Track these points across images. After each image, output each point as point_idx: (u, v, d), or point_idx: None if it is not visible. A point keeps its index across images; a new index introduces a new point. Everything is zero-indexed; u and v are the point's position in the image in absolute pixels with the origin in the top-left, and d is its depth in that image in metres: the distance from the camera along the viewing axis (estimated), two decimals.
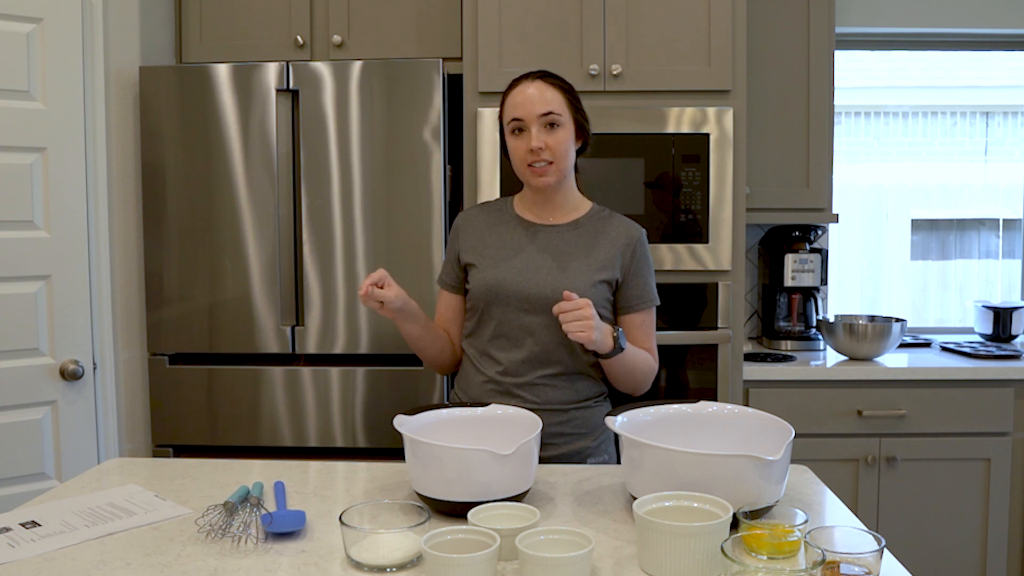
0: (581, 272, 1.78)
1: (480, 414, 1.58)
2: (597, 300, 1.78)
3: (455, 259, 1.90)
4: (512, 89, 1.80)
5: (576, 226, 1.84)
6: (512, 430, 1.54)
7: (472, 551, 1.11)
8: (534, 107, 1.75)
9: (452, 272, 1.91)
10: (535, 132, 1.75)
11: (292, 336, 2.60)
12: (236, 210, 2.58)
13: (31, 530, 1.34)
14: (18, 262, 2.36)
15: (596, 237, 1.82)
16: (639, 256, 1.84)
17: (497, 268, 1.80)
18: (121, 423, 2.61)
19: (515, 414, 1.56)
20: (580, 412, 1.83)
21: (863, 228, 3.68)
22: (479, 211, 1.93)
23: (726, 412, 1.54)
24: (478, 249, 1.85)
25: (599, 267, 1.79)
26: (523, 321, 1.78)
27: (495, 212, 1.91)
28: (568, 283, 1.75)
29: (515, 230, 1.85)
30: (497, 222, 1.88)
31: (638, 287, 1.84)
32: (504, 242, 1.84)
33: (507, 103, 1.80)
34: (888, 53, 3.58)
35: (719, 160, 2.55)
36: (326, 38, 2.83)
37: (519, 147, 1.78)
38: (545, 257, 1.80)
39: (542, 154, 1.75)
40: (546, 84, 1.78)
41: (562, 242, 1.82)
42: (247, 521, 1.33)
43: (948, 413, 2.73)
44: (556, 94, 1.77)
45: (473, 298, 1.84)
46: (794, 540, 1.18)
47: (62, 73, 2.41)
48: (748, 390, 2.74)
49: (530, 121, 1.75)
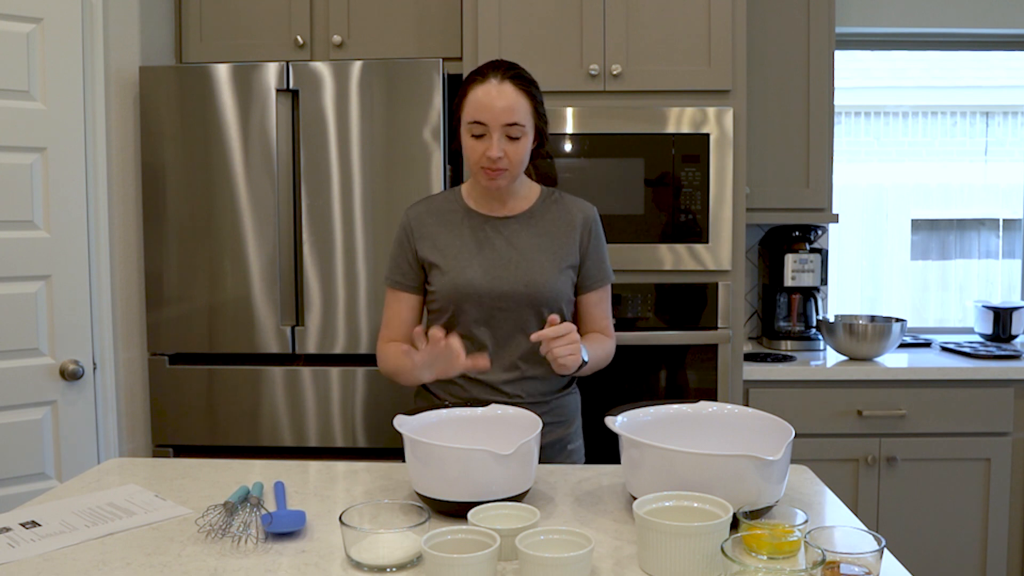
0: (549, 264, 1.78)
1: (480, 414, 1.58)
2: (565, 286, 1.80)
3: (412, 258, 1.83)
4: (477, 84, 1.71)
5: (531, 215, 1.83)
6: (512, 430, 1.54)
7: (472, 551, 1.11)
8: (500, 115, 1.67)
9: (411, 272, 1.84)
10: (496, 140, 1.69)
11: (292, 336, 2.60)
12: (236, 210, 2.58)
13: (31, 530, 1.34)
14: (18, 262, 2.36)
15: (554, 223, 1.82)
16: (595, 235, 1.85)
17: (464, 267, 1.77)
18: (121, 423, 2.61)
19: (515, 414, 1.56)
20: (559, 401, 1.86)
21: (863, 228, 3.68)
22: (428, 206, 1.86)
23: (726, 412, 1.54)
24: (438, 247, 1.80)
25: (564, 254, 1.80)
26: (497, 317, 1.77)
27: (446, 206, 1.85)
28: (538, 275, 1.76)
29: (471, 225, 1.81)
30: (450, 217, 1.83)
31: (595, 266, 1.85)
32: (463, 239, 1.80)
33: (469, 100, 1.71)
34: (888, 53, 3.58)
35: (719, 160, 2.55)
36: (326, 38, 2.83)
37: (476, 148, 1.71)
38: (511, 251, 1.78)
39: (499, 163, 1.70)
40: (515, 89, 1.69)
41: (524, 233, 1.80)
42: (247, 521, 1.33)
43: (948, 413, 2.73)
44: (523, 101, 1.70)
45: (441, 299, 1.79)
46: (794, 540, 1.18)
47: (62, 73, 2.41)
48: (748, 390, 2.74)
49: (493, 128, 1.68)
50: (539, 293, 1.76)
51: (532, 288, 1.75)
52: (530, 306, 1.77)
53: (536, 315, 1.78)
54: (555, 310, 1.80)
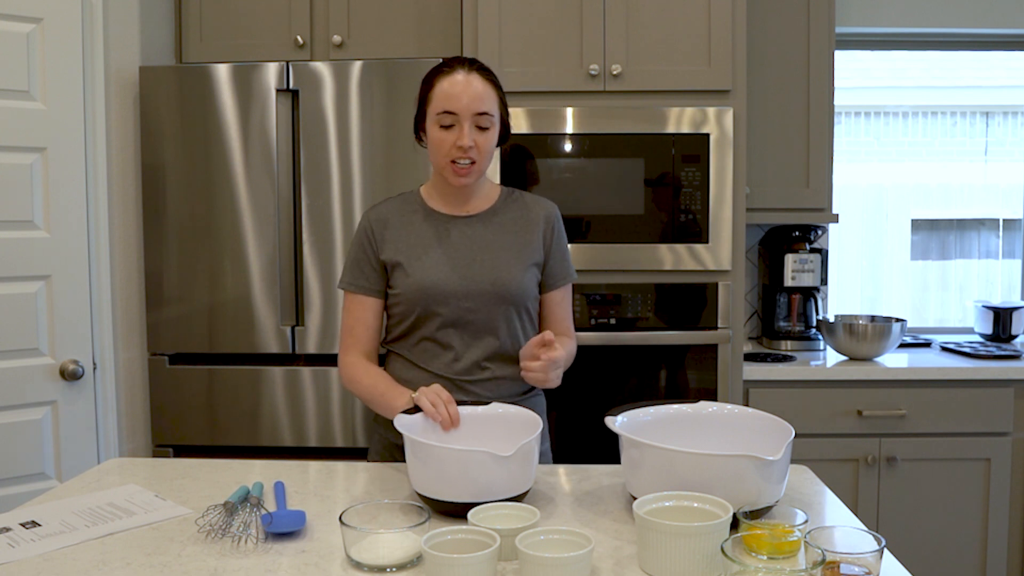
0: (514, 262, 1.77)
1: (480, 412, 1.58)
2: (531, 284, 1.79)
3: (374, 261, 1.78)
4: (443, 76, 1.70)
5: (494, 213, 1.81)
6: (513, 429, 1.54)
7: (472, 551, 1.11)
8: (470, 103, 1.67)
9: (372, 275, 1.79)
10: (467, 129, 1.67)
11: (292, 336, 2.60)
12: (236, 210, 2.58)
13: (31, 530, 1.34)
14: (18, 262, 2.36)
15: (516, 222, 1.81)
16: (557, 233, 1.84)
17: (429, 267, 1.74)
18: (121, 423, 2.61)
19: (516, 413, 1.56)
20: (527, 403, 1.81)
21: (863, 228, 3.68)
22: (388, 208, 1.82)
23: (726, 412, 1.54)
24: (400, 249, 1.77)
25: (528, 252, 1.79)
26: (464, 317, 1.75)
27: (406, 207, 1.82)
28: (504, 275, 1.74)
29: (434, 225, 1.79)
30: (411, 218, 1.80)
31: (558, 264, 1.84)
32: (426, 239, 1.77)
33: (437, 91, 1.69)
34: (888, 53, 3.58)
35: (719, 160, 2.55)
36: (326, 38, 2.83)
37: (446, 140, 1.69)
38: (475, 250, 1.77)
39: (470, 153, 1.69)
40: (480, 78, 1.70)
41: (487, 233, 1.79)
42: (247, 521, 1.33)
43: (948, 413, 2.73)
44: (491, 92, 1.70)
45: (405, 301, 1.76)
46: (794, 540, 1.18)
47: (62, 73, 2.41)
48: (748, 390, 2.74)
49: (463, 117, 1.67)
50: (506, 291, 1.75)
51: (499, 286, 1.74)
52: (497, 305, 1.75)
53: (503, 314, 1.76)
54: (522, 308, 1.79)
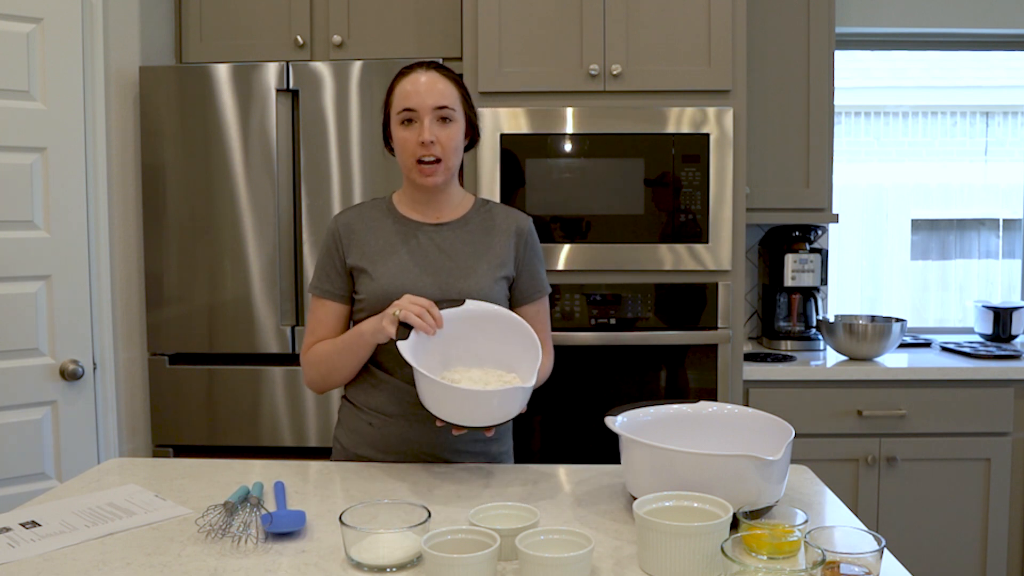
0: (482, 272, 1.73)
1: (462, 313, 1.62)
2: (499, 298, 1.74)
3: (340, 266, 1.75)
4: (402, 78, 1.71)
5: (465, 223, 1.78)
6: (501, 328, 1.63)
7: (472, 551, 1.11)
8: (428, 98, 1.66)
9: (339, 280, 1.76)
10: (427, 124, 1.66)
11: (292, 336, 2.60)
12: (236, 210, 2.58)
13: (31, 530, 1.34)
14: (18, 262, 2.36)
15: (487, 233, 1.77)
16: (530, 247, 1.80)
17: (395, 274, 1.71)
18: (121, 423, 2.61)
19: (491, 310, 1.64)
20: None
21: (863, 228, 3.68)
22: (358, 213, 1.79)
23: (726, 412, 1.54)
24: (367, 254, 1.73)
25: (498, 264, 1.75)
26: None
27: (375, 213, 1.79)
28: (471, 284, 1.70)
29: (403, 231, 1.76)
30: (380, 224, 1.77)
31: (531, 278, 1.80)
32: (394, 245, 1.74)
33: (397, 92, 1.70)
34: (888, 53, 3.58)
35: (719, 160, 2.55)
36: (326, 38, 2.83)
37: (409, 139, 1.68)
38: (443, 258, 1.73)
39: (433, 148, 1.67)
40: (440, 75, 1.69)
41: (456, 241, 1.75)
42: (247, 521, 1.33)
43: (948, 413, 2.73)
44: (450, 87, 1.69)
45: (370, 307, 1.71)
46: (794, 540, 1.18)
47: (62, 73, 2.41)
48: (748, 390, 2.74)
49: (423, 112, 1.66)
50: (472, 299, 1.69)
51: (465, 294, 1.69)
52: None
53: None
54: None
